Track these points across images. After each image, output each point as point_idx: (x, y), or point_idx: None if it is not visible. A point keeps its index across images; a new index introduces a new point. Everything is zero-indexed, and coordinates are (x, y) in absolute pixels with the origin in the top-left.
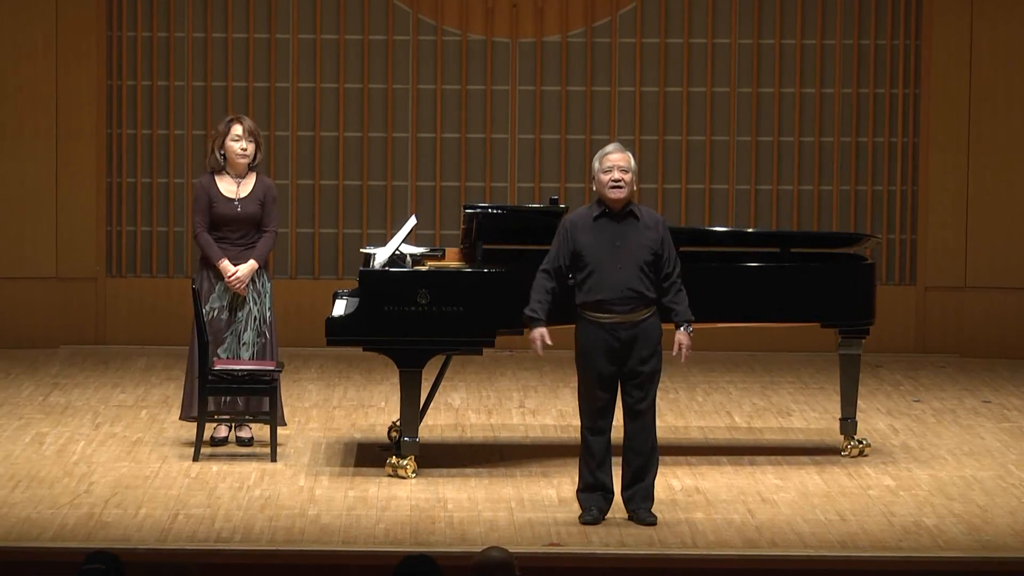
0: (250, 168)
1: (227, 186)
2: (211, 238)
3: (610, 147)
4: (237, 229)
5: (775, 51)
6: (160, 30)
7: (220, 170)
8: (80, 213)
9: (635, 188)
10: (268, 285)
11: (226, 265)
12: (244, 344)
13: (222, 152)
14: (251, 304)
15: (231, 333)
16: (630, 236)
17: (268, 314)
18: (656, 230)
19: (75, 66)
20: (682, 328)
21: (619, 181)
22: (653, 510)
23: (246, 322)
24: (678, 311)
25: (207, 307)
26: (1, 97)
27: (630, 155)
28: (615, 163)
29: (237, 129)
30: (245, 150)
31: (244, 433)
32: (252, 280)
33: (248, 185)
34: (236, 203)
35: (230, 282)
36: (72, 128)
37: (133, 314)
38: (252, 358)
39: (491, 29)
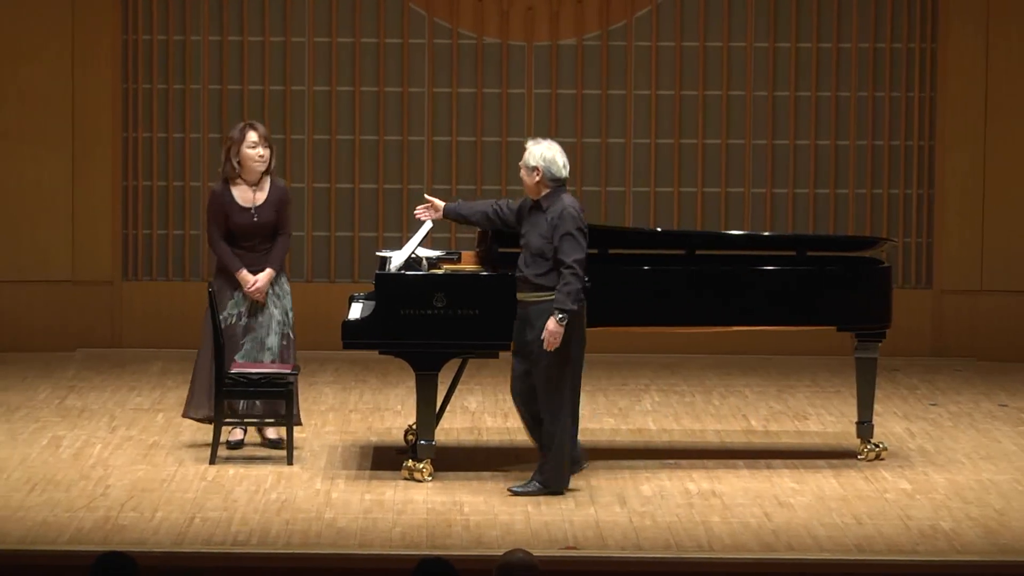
0: (264, 173)
1: (242, 194)
2: (228, 248)
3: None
4: (254, 237)
5: (791, 55)
6: (176, 33)
7: (235, 177)
8: (96, 217)
9: (538, 178)
10: (287, 287)
11: (245, 275)
12: (268, 349)
13: (237, 159)
14: (272, 308)
15: (251, 340)
16: (535, 225)
17: (290, 315)
18: (553, 222)
19: (91, 70)
20: (553, 315)
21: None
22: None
23: (268, 327)
24: (556, 299)
25: (225, 313)
26: (18, 101)
27: (530, 148)
28: None
29: (252, 136)
30: (262, 156)
31: (271, 434)
32: (271, 284)
33: (263, 191)
34: (252, 212)
35: (250, 292)
36: (88, 132)
37: (149, 317)
38: (274, 362)
39: (506, 32)
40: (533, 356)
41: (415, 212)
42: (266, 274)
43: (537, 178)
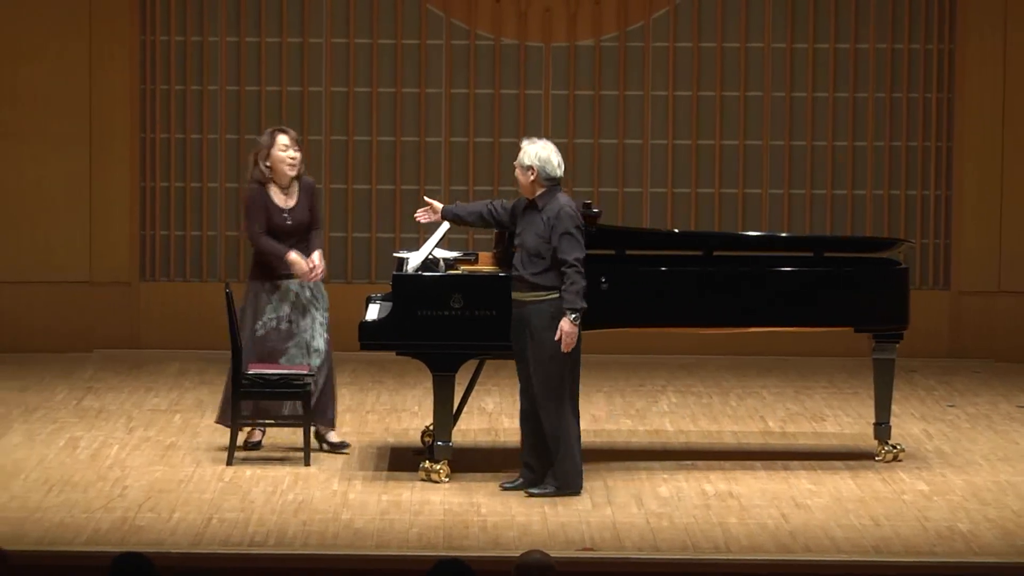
0: (294, 178)
1: (277, 196)
2: (271, 239)
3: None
4: (290, 238)
5: (808, 55)
6: (193, 34)
7: (267, 182)
8: (113, 217)
9: (532, 178)
10: (322, 286)
11: (295, 257)
12: (316, 351)
13: (267, 164)
14: (313, 310)
15: (295, 345)
16: (531, 224)
17: (327, 315)
18: (550, 222)
19: (108, 70)
20: (565, 315)
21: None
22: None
23: (312, 330)
24: (564, 299)
25: (264, 318)
26: (35, 101)
27: (525, 148)
28: None
29: (283, 139)
30: (294, 159)
31: (333, 438)
32: (309, 286)
33: (294, 193)
34: (286, 214)
35: (310, 275)
36: (106, 132)
37: (166, 318)
38: (323, 364)
39: (524, 34)
40: (532, 356)
41: (415, 215)
42: (318, 253)
43: (532, 177)
